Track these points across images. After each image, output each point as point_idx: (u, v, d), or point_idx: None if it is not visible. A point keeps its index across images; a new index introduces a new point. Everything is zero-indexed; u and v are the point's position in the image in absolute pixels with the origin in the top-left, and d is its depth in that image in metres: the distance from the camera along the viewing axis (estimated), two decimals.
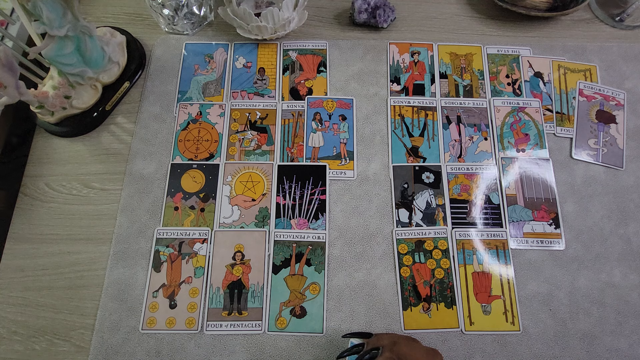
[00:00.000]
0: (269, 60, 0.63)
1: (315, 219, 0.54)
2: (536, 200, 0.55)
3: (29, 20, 0.49)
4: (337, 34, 0.66)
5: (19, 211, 0.54)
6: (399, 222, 0.54)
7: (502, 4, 0.64)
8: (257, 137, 0.58)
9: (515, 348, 0.49)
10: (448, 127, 0.59)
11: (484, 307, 0.50)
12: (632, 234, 0.54)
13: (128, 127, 0.59)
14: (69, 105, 0.55)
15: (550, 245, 0.53)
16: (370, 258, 0.52)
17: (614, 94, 0.61)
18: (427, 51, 0.64)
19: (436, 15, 0.67)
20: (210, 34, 0.65)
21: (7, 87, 0.44)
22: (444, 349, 0.48)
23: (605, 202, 0.56)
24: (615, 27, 0.67)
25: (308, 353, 0.48)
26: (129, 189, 0.55)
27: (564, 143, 0.59)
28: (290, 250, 0.52)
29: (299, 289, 0.50)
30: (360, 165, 0.57)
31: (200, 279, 0.51)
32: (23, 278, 0.51)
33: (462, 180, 0.56)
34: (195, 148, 0.57)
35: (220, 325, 0.49)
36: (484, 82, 0.62)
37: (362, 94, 0.61)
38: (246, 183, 0.55)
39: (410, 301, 0.50)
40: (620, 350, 0.49)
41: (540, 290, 0.51)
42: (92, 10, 0.67)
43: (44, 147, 0.58)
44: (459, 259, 0.52)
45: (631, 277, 0.52)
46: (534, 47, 0.64)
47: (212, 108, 0.59)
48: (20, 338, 0.49)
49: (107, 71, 0.58)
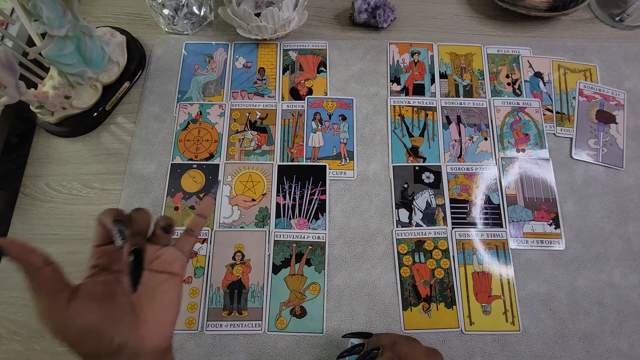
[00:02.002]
0: (269, 60, 0.63)
1: (315, 219, 0.54)
2: (536, 200, 0.55)
3: (29, 20, 0.49)
4: (337, 34, 0.66)
5: (19, 211, 0.54)
6: (399, 222, 0.54)
7: (502, 4, 0.64)
8: (257, 137, 0.58)
9: (515, 348, 0.49)
10: (448, 127, 0.59)
11: (484, 307, 0.50)
12: (632, 234, 0.54)
13: (128, 127, 0.59)
14: (69, 105, 0.55)
15: (550, 245, 0.53)
16: (370, 258, 0.52)
17: (614, 94, 0.61)
18: (427, 51, 0.64)
19: (436, 15, 0.67)
20: (210, 34, 0.65)
21: (7, 87, 0.44)
22: (444, 349, 0.48)
23: (605, 202, 0.56)
24: (615, 27, 0.67)
25: (308, 353, 0.48)
26: (129, 189, 0.55)
27: (564, 143, 0.59)
28: (290, 250, 0.52)
29: (299, 289, 0.50)
30: (360, 165, 0.57)
31: (200, 279, 0.51)
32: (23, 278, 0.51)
33: (462, 180, 0.56)
34: (195, 148, 0.57)
35: (220, 325, 0.49)
36: (484, 82, 0.62)
37: (362, 94, 0.61)
38: (246, 183, 0.55)
39: (410, 301, 0.50)
40: (620, 350, 0.49)
41: (540, 290, 0.51)
42: (92, 10, 0.67)
43: (44, 147, 0.58)
44: (459, 259, 0.52)
45: (631, 277, 0.52)
46: (534, 47, 0.64)
47: (212, 108, 0.59)
48: (20, 338, 0.49)
49: (107, 71, 0.58)
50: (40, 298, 0.29)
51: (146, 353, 0.32)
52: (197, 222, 0.40)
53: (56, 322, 0.29)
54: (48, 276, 0.30)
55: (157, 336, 0.33)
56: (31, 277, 0.29)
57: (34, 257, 0.29)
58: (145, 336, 0.32)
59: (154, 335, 0.32)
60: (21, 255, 0.29)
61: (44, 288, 0.29)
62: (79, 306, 0.30)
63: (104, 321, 0.30)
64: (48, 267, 0.30)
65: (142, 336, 0.32)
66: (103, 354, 0.30)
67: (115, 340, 0.30)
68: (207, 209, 0.41)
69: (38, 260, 0.29)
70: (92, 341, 0.30)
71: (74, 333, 0.29)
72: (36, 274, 0.29)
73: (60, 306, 0.29)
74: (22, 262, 0.29)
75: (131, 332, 0.31)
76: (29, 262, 0.29)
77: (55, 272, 0.30)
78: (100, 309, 0.31)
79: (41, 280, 0.29)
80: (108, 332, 0.30)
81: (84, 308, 0.30)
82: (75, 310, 0.30)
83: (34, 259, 0.29)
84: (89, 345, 0.30)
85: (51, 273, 0.30)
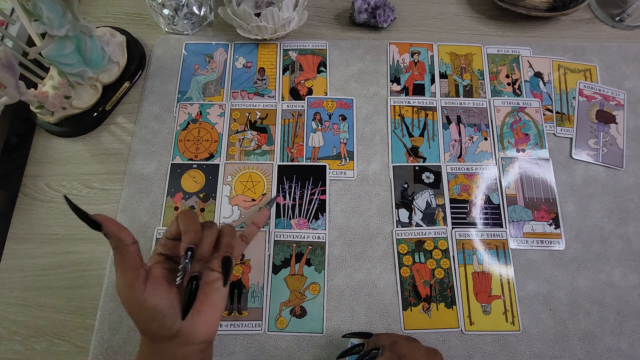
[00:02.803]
0: (269, 60, 0.63)
1: (315, 219, 0.54)
2: (536, 200, 0.55)
3: (29, 20, 0.49)
4: (337, 34, 0.66)
5: (19, 211, 0.54)
6: (399, 222, 0.54)
7: (502, 4, 0.64)
8: (257, 137, 0.58)
9: (515, 348, 0.49)
10: (448, 127, 0.59)
11: (484, 307, 0.50)
12: (632, 234, 0.54)
13: (128, 127, 0.59)
14: (69, 105, 0.55)
15: (550, 245, 0.53)
16: (370, 258, 0.52)
17: (614, 94, 0.61)
18: (427, 51, 0.64)
19: (436, 15, 0.67)
20: (210, 34, 0.65)
21: (7, 87, 0.44)
22: (444, 349, 0.48)
23: (605, 202, 0.56)
24: (615, 27, 0.67)
25: (308, 353, 0.48)
26: (129, 189, 0.55)
27: (564, 143, 0.59)
28: (290, 250, 0.52)
29: (299, 289, 0.50)
30: (360, 165, 0.57)
31: None
32: (23, 278, 0.51)
33: (462, 180, 0.56)
34: (195, 148, 0.57)
35: (220, 325, 0.49)
36: (484, 82, 0.62)
37: (362, 94, 0.61)
38: (246, 183, 0.55)
39: (410, 301, 0.50)
40: (620, 350, 0.49)
41: (540, 290, 0.51)
42: (92, 10, 0.67)
43: (44, 147, 0.58)
44: (459, 259, 0.52)
45: (631, 277, 0.52)
46: (534, 47, 0.64)
47: (212, 108, 0.59)
48: (20, 338, 0.49)
49: (107, 71, 0.58)
50: (125, 272, 0.33)
51: (194, 343, 0.35)
52: (251, 231, 0.46)
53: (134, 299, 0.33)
54: (134, 252, 0.33)
55: (207, 329, 0.35)
56: (120, 252, 0.33)
57: (125, 233, 0.33)
58: (198, 328, 0.35)
59: (205, 328, 0.35)
60: (114, 230, 0.32)
61: (129, 263, 0.33)
62: (153, 288, 0.33)
63: (171, 307, 0.34)
64: (134, 244, 0.33)
65: (195, 327, 0.35)
66: (162, 336, 0.34)
67: (175, 326, 0.33)
68: (263, 221, 0.48)
69: (128, 237, 0.33)
70: (158, 322, 0.33)
71: (146, 312, 0.33)
72: (125, 250, 0.33)
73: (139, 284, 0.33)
74: (115, 237, 0.32)
75: (188, 321, 0.34)
76: (120, 237, 0.32)
77: (138, 252, 0.34)
78: (169, 295, 0.34)
79: (129, 256, 0.33)
80: (171, 318, 0.33)
81: (158, 290, 0.34)
82: (151, 291, 0.33)
83: (124, 235, 0.33)
84: (154, 325, 0.33)
85: (137, 250, 0.34)
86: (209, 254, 0.36)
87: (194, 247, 0.34)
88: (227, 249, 0.37)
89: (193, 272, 0.34)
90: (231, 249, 0.37)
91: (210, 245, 0.37)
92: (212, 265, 0.36)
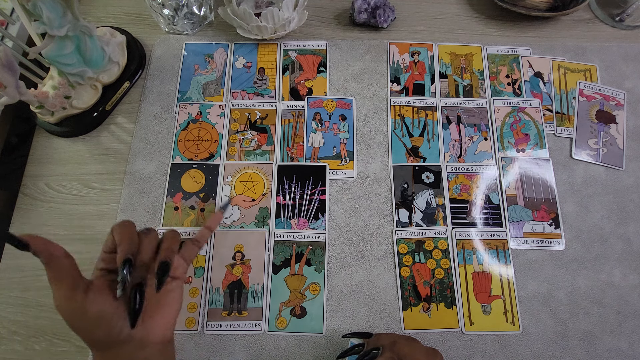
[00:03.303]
0: (269, 60, 0.63)
1: (315, 219, 0.54)
2: (536, 200, 0.55)
3: (29, 20, 0.49)
4: (337, 34, 0.66)
5: (19, 211, 0.54)
6: (399, 222, 0.54)
7: (502, 4, 0.64)
8: (257, 137, 0.58)
9: (515, 348, 0.49)
10: (448, 127, 0.59)
11: (484, 307, 0.50)
12: (632, 234, 0.54)
13: (128, 127, 0.59)
14: (69, 105, 0.55)
15: (550, 245, 0.53)
16: (370, 258, 0.52)
17: (614, 94, 0.61)
18: (427, 51, 0.64)
19: (436, 15, 0.67)
20: (210, 34, 0.65)
21: (7, 87, 0.44)
22: (444, 349, 0.48)
23: (605, 202, 0.56)
24: (615, 27, 0.67)
25: (308, 353, 0.48)
26: (129, 189, 0.55)
27: (564, 143, 0.59)
28: (290, 250, 0.52)
29: (299, 289, 0.50)
30: (360, 165, 0.57)
31: (200, 279, 0.51)
32: (23, 278, 0.51)
33: (462, 180, 0.56)
34: (195, 148, 0.57)
35: (220, 325, 0.49)
36: (484, 82, 0.62)
37: (362, 94, 0.61)
38: (246, 183, 0.55)
39: (410, 301, 0.50)
40: (620, 350, 0.49)
41: (540, 290, 0.51)
42: (92, 10, 0.67)
43: (44, 147, 0.58)
44: (459, 259, 0.52)
45: (631, 277, 0.52)
46: (534, 47, 0.64)
47: (212, 108, 0.59)
48: (20, 338, 0.49)
49: (107, 71, 0.58)
50: (60, 286, 0.33)
51: (151, 344, 0.36)
52: (204, 234, 0.46)
53: (73, 309, 0.32)
54: (68, 266, 0.33)
55: (161, 329, 0.37)
56: (52, 267, 0.32)
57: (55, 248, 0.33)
58: (152, 330, 0.36)
59: (159, 329, 0.36)
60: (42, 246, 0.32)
61: (64, 277, 0.33)
62: (94, 296, 0.33)
63: (116, 313, 0.34)
64: (68, 258, 0.34)
65: (148, 329, 0.35)
66: (112, 342, 0.34)
67: (124, 333, 0.34)
68: (215, 224, 0.48)
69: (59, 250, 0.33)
70: (104, 330, 0.33)
71: (88, 321, 0.33)
72: (57, 264, 0.33)
73: (78, 294, 0.33)
74: (45, 252, 0.32)
75: (138, 326, 0.35)
76: (50, 251, 0.32)
77: (74, 265, 0.34)
78: (113, 301, 0.34)
79: (62, 270, 0.33)
80: (118, 323, 0.33)
81: (99, 298, 0.33)
82: (91, 299, 0.33)
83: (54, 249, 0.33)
84: (101, 333, 0.33)
85: (71, 264, 0.34)
86: (150, 259, 0.37)
87: (130, 258, 0.34)
88: (167, 254, 0.37)
89: (136, 281, 0.35)
90: (171, 253, 0.38)
91: (151, 251, 0.37)
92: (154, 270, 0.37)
